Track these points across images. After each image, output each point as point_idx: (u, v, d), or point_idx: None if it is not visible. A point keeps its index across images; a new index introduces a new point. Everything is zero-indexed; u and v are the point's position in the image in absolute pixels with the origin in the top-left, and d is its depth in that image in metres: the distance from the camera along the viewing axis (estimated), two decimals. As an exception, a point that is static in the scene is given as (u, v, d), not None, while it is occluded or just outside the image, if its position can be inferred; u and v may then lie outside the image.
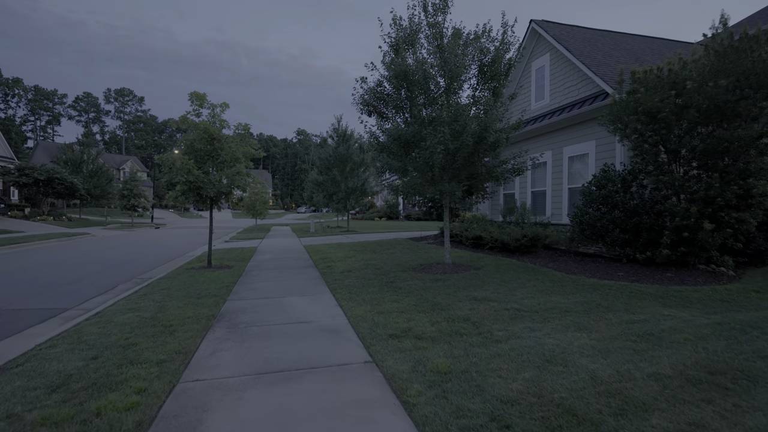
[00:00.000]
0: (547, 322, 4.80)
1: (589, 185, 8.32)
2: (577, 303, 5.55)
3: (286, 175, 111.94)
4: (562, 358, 3.68)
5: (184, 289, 7.31)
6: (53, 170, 29.33)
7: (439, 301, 5.94)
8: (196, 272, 9.30)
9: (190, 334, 4.67)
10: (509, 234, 10.00)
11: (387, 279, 7.70)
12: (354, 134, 22.88)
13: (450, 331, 4.59)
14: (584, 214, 8.01)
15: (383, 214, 37.53)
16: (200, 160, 9.65)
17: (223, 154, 9.71)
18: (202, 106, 9.77)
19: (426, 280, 7.37)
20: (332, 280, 7.88)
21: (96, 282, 9.12)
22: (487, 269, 8.15)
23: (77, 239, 20.96)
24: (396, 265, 9.23)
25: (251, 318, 5.47)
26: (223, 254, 12.90)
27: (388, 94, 7.93)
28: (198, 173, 9.14)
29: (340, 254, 11.84)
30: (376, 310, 5.56)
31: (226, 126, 9.86)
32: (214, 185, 9.42)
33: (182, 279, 8.44)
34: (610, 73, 9.72)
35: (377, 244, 14.30)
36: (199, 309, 5.88)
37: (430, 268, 8.50)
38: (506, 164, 8.05)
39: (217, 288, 7.39)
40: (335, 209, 24.04)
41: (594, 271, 7.63)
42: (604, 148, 9.62)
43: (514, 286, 6.64)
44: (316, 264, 10.28)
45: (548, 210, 11.69)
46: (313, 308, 5.94)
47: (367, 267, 9.26)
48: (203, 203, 9.81)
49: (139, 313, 5.73)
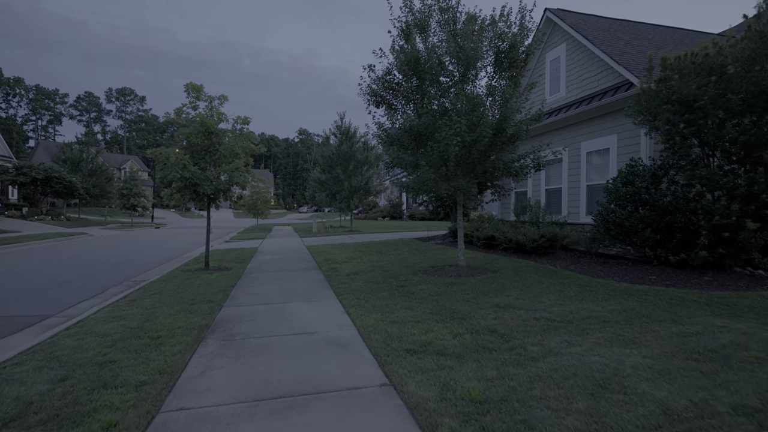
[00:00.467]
0: (585, 334, 4.21)
1: (614, 182, 7.71)
2: (613, 311, 4.95)
3: (287, 175, 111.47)
4: (618, 383, 3.08)
5: (178, 294, 6.74)
6: (51, 169, 28.83)
7: (457, 308, 5.34)
8: (192, 275, 8.73)
9: (179, 348, 4.09)
10: (525, 234, 9.39)
11: (397, 283, 7.11)
12: (358, 132, 22.31)
13: (476, 345, 4.00)
14: (610, 212, 7.40)
15: (386, 213, 36.94)
16: (197, 156, 9.08)
17: (221, 149, 9.14)
18: (199, 98, 9.20)
19: (440, 284, 6.77)
20: (338, 284, 7.30)
21: (86, 285, 8.56)
22: (505, 272, 7.55)
23: (74, 239, 20.44)
24: (405, 267, 8.64)
25: (249, 328, 4.89)
26: (222, 255, 12.33)
27: (397, 83, 7.33)
28: (194, 169, 8.57)
29: (345, 255, 11.25)
30: (389, 319, 4.97)
31: (224, 119, 9.29)
32: (211, 182, 8.84)
33: (177, 282, 7.86)
34: (633, 62, 9.11)
35: (383, 244, 13.71)
36: (192, 317, 5.30)
37: (443, 270, 7.90)
38: (525, 159, 7.44)
39: (213, 293, 6.81)
40: (338, 208, 23.46)
41: (622, 274, 7.02)
42: (628, 142, 9.00)
43: (539, 292, 6.04)
44: (320, 266, 9.70)
45: (564, 209, 11.08)
46: (317, 316, 5.36)
47: (374, 269, 8.67)
48: (200, 201, 9.24)
49: (125, 321, 5.15)
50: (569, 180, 10.88)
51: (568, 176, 10.91)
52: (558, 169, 11.23)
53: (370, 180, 21.92)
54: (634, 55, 9.58)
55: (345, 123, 22.30)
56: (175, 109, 8.99)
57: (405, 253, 11.14)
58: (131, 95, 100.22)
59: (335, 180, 21.89)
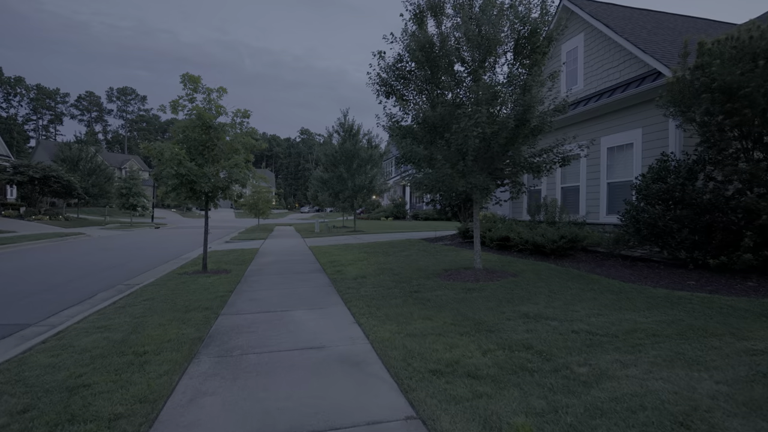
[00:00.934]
0: (638, 352, 3.62)
1: (643, 179, 7.13)
2: (661, 323, 4.36)
3: (289, 175, 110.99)
4: (702, 419, 2.50)
5: (171, 300, 6.17)
6: (49, 168, 28.33)
7: (481, 318, 4.77)
8: (188, 278, 8.17)
9: (166, 368, 3.52)
10: (543, 235, 8.80)
11: (410, 288, 6.54)
12: (361, 129, 21.74)
13: (512, 365, 3.43)
14: (641, 211, 6.81)
15: (389, 213, 36.35)
16: (194, 151, 8.53)
17: (219, 144, 8.59)
18: (196, 90, 8.65)
19: (458, 290, 6.19)
20: (345, 289, 6.73)
21: (76, 289, 8.01)
22: (526, 276, 6.97)
23: (70, 240, 19.92)
24: (416, 271, 8.07)
25: (248, 341, 4.32)
26: (221, 257, 11.77)
27: (410, 71, 6.76)
28: (191, 165, 8.01)
29: (350, 257, 10.68)
30: (406, 331, 4.40)
31: (223, 113, 8.73)
32: (209, 179, 8.29)
33: (171, 286, 7.30)
34: (660, 51, 8.51)
35: (389, 245, 13.14)
36: (184, 328, 4.73)
37: (458, 274, 7.32)
38: (548, 153, 6.86)
39: (209, 298, 6.25)
40: (341, 208, 22.90)
41: (655, 278, 6.43)
42: (654, 137, 8.41)
43: (569, 299, 5.46)
44: (324, 268, 9.13)
45: (582, 208, 10.49)
46: (325, 327, 4.79)
47: (383, 272, 8.10)
48: (198, 200, 8.68)
49: (110, 333, 4.59)
50: (588, 177, 10.29)
51: (587, 173, 10.32)
52: (575, 166, 10.64)
53: (374, 179, 21.35)
54: (659, 44, 8.99)
55: (348, 120, 21.73)
56: (171, 102, 8.43)
57: (414, 254, 10.56)
58: (132, 95, 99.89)
59: (338, 179, 21.32)
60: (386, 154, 23.01)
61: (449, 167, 6.27)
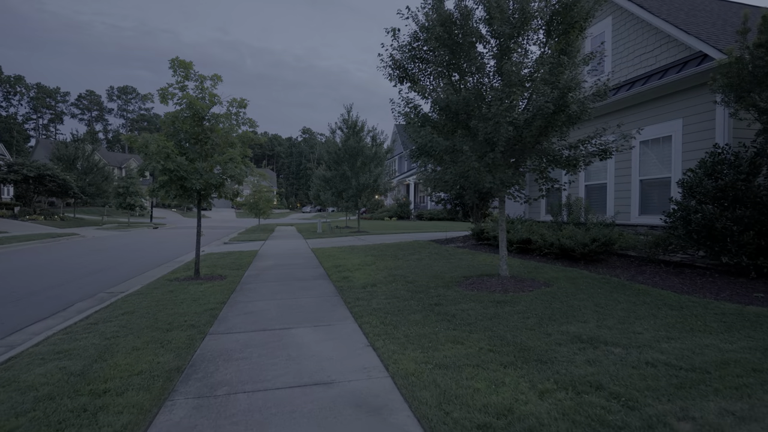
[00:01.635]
0: (747, 396, 2.76)
1: (693, 174, 6.25)
2: (752, 351, 3.49)
3: (290, 174, 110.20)
4: None
5: (153, 315, 5.33)
6: (44, 167, 27.55)
7: (524, 341, 3.91)
8: (178, 286, 7.33)
9: (125, 421, 2.67)
10: (572, 237, 7.93)
11: (429, 299, 5.67)
12: (365, 126, 20.86)
13: (585, 416, 2.57)
14: (693, 211, 5.93)
15: (393, 213, 35.50)
16: (184, 145, 7.69)
17: (213, 137, 7.74)
18: (188, 77, 7.80)
19: (485, 303, 5.33)
20: (353, 300, 5.88)
21: (51, 298, 7.19)
22: (561, 286, 6.10)
23: (63, 241, 19.13)
24: (432, 278, 7.21)
25: (238, 373, 3.47)
26: (217, 260, 10.93)
27: (428, 50, 5.89)
28: (180, 160, 7.16)
29: (356, 260, 9.83)
30: (434, 360, 3.54)
31: (217, 102, 7.88)
32: (201, 175, 7.44)
33: (156, 296, 6.46)
34: (704, 33, 7.63)
35: (397, 247, 12.29)
36: (162, 354, 3.89)
37: (482, 282, 6.45)
38: (586, 144, 5.99)
39: (197, 312, 5.40)
40: (345, 208, 22.06)
41: (713, 289, 5.55)
42: (698, 127, 7.53)
43: (623, 316, 4.59)
44: (329, 273, 8.28)
45: (610, 207, 9.61)
46: (333, 351, 3.94)
47: (395, 279, 7.24)
48: (189, 198, 7.84)
49: (69, 361, 3.75)
50: (617, 174, 9.41)
51: (615, 170, 9.44)
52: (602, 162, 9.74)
53: (378, 177, 20.48)
54: (700, 26, 8.11)
55: (352, 116, 20.88)
56: (159, 90, 7.59)
57: (426, 258, 9.70)
58: (133, 93, 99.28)
59: (341, 177, 20.46)
60: (390, 152, 22.14)
61: (475, 160, 5.40)
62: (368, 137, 20.90)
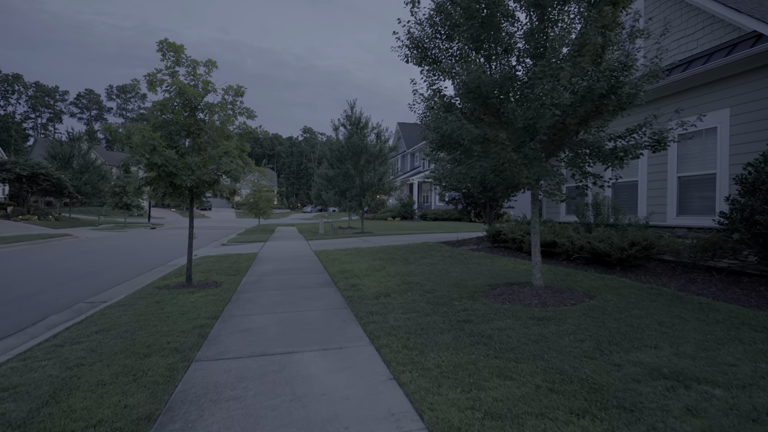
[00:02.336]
0: None
1: (755, 171, 5.44)
2: None
3: (291, 174, 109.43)
4: None
5: (131, 333, 4.52)
6: (38, 165, 26.76)
7: (590, 377, 3.09)
8: (167, 294, 6.53)
9: None
10: (607, 240, 7.12)
11: (454, 314, 4.86)
12: (369, 122, 20.04)
13: None
14: (760, 212, 5.12)
15: (396, 213, 34.70)
16: (174, 137, 6.89)
17: (206, 128, 6.94)
18: (179, 62, 7.00)
19: (523, 320, 4.51)
20: (366, 314, 5.07)
21: (25, 309, 6.40)
22: (606, 297, 5.28)
23: (53, 242, 18.33)
24: (453, 286, 6.39)
25: (228, 421, 2.66)
26: (213, 264, 10.13)
27: (453, 24, 5.07)
28: (169, 154, 6.35)
29: (364, 265, 9.02)
30: (482, 406, 2.73)
31: (212, 90, 7.08)
32: (192, 171, 6.63)
33: (140, 309, 5.65)
34: (758, 12, 6.81)
35: (406, 250, 11.49)
36: (132, 392, 3.08)
37: (512, 293, 5.64)
38: (636, 133, 5.18)
39: (185, 330, 4.59)
40: (349, 207, 21.26)
41: (788, 302, 4.74)
42: (749, 117, 6.72)
43: (700, 339, 3.78)
44: (335, 280, 7.47)
45: (642, 207, 8.80)
46: (349, 388, 3.13)
47: (410, 288, 6.43)
48: (179, 197, 7.03)
49: (13, 403, 2.94)
50: (650, 171, 8.59)
51: (648, 166, 8.63)
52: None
53: (383, 175, 19.67)
54: (749, 4, 7.29)
55: (355, 112, 20.07)
56: (147, 75, 6.78)
57: (440, 263, 8.89)
58: (132, 92, 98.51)
59: (344, 176, 19.65)
60: (395, 150, 21.32)
61: (512, 150, 4.58)
62: (372, 134, 20.10)
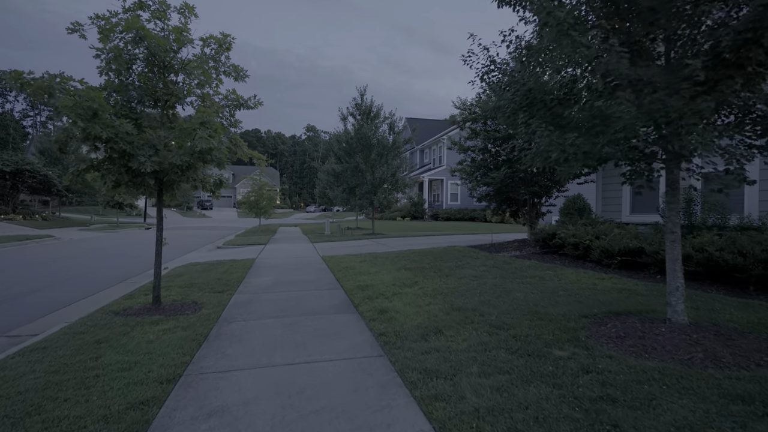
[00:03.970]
0: None
1: None
2: None
3: (294, 173, 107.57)
4: None
5: (23, 417, 2.56)
6: (23, 161, 24.95)
7: None
8: (118, 326, 4.56)
9: None
10: (737, 249, 5.10)
11: (570, 378, 2.87)
12: (381, 111, 18.05)
13: None
14: None
15: (406, 213, 32.73)
16: (132, 104, 4.94)
17: (176, 91, 4.97)
18: (143, 6, 5.02)
19: (715, 402, 2.52)
20: (419, 375, 3.09)
21: None
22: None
23: (31, 244, 16.45)
24: (529, 316, 4.40)
25: None
26: (199, 274, 8.16)
27: None
28: (120, 124, 4.39)
29: (388, 277, 7.06)
30: None
31: (186, 42, 5.11)
32: (156, 151, 4.65)
33: (65, 356, 3.68)
34: None
35: (432, 255, 9.52)
36: None
37: (639, 333, 3.62)
38: None
39: (110, 413, 2.62)
40: (358, 206, 19.27)
41: None
42: None
43: None
44: (355, 301, 5.50)
45: (752, 205, 6.78)
46: None
47: (467, 318, 4.45)
48: (139, 187, 5.09)
49: None
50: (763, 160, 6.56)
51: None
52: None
53: (397, 170, 17.68)
54: None
55: (366, 101, 18.08)
56: (93, 17, 4.79)
57: (486, 275, 6.90)
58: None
59: (353, 171, 17.65)
60: (411, 142, 19.32)
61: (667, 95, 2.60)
62: (384, 124, 18.10)
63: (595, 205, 10.12)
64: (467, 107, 10.67)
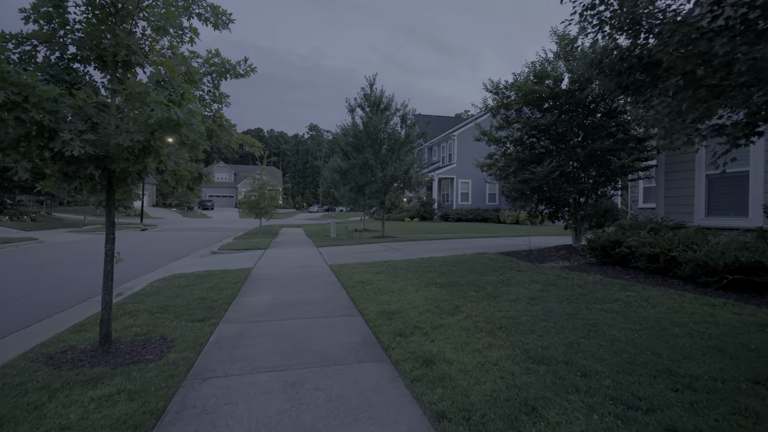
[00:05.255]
0: None
1: None
2: None
3: (297, 173, 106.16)
4: None
5: None
6: (10, 158, 23.48)
7: None
8: (44, 382, 3.01)
9: None
10: None
11: None
12: (393, 103, 16.47)
13: None
14: None
15: (414, 213, 31.15)
16: (64, 62, 3.40)
17: (131, 43, 3.42)
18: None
19: None
20: None
21: None
22: None
23: (9, 248, 14.94)
24: (668, 377, 2.82)
25: None
26: (177, 293, 6.60)
27: None
28: (36, 83, 2.84)
29: (417, 298, 5.49)
30: None
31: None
32: (93, 125, 3.10)
33: None
34: None
35: (462, 265, 7.96)
36: None
37: None
38: None
39: None
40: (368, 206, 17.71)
41: None
42: None
43: None
44: (381, 338, 3.93)
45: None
46: None
47: (563, 382, 2.87)
48: (74, 179, 3.53)
49: None
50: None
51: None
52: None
53: (410, 167, 16.11)
54: None
55: (375, 91, 16.50)
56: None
57: (549, 298, 5.31)
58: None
59: (362, 168, 16.05)
60: (424, 136, 17.74)
61: None
62: (396, 117, 16.52)
63: (657, 205, 8.50)
64: (500, 90, 9.08)
